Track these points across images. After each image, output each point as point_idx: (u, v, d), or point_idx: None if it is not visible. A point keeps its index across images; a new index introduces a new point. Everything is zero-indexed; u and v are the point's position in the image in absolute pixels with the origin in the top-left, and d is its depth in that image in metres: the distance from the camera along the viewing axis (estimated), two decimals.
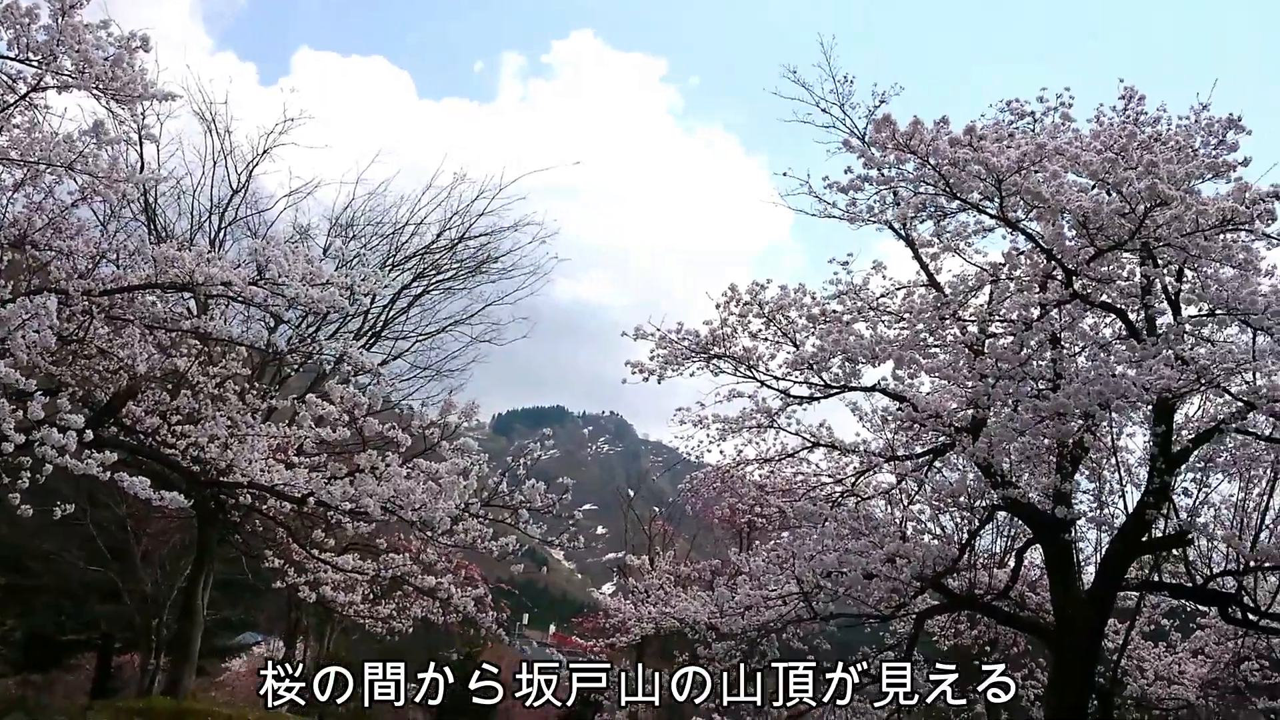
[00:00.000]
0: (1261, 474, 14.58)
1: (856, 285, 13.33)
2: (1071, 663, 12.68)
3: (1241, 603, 13.66)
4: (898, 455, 14.17)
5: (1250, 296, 10.77)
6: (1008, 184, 9.76)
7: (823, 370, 12.12)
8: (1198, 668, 17.00)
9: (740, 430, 14.34)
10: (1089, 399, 9.83)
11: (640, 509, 36.98)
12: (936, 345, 12.38)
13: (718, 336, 12.66)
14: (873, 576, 12.52)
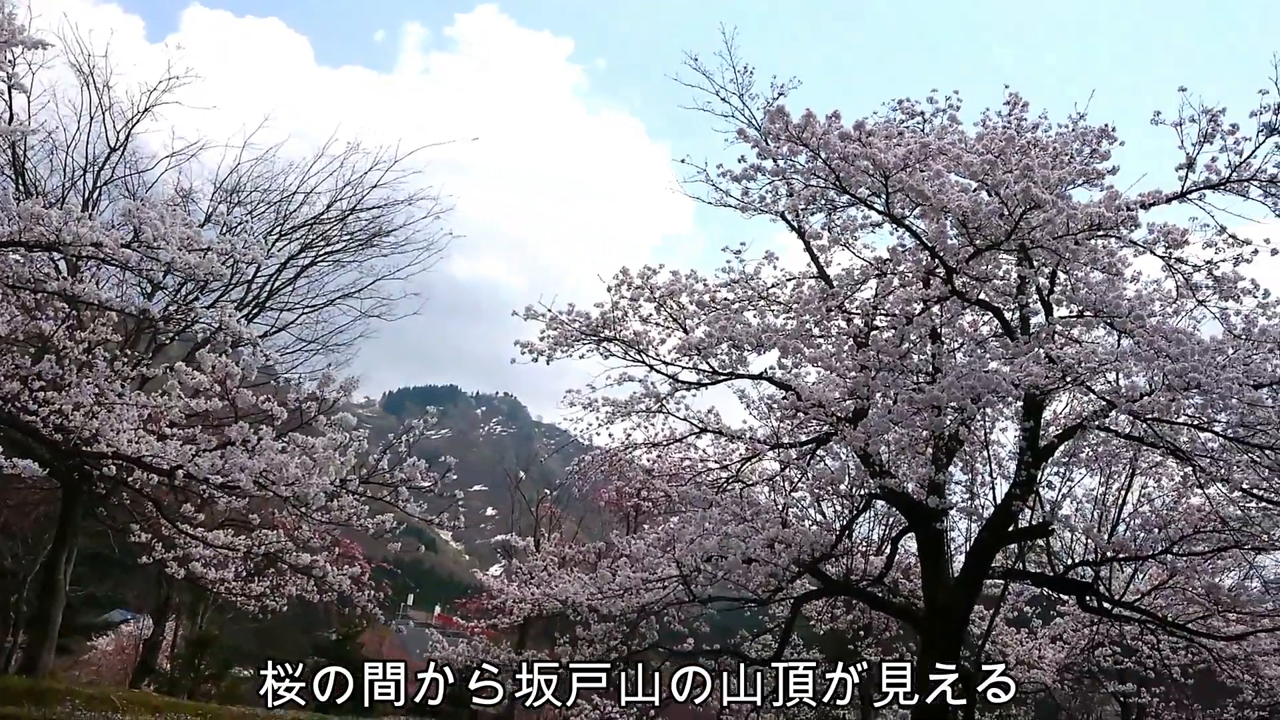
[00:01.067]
0: (1121, 470, 15.37)
1: (748, 274, 13.51)
2: (939, 646, 13.11)
3: (1098, 592, 14.36)
4: (782, 443, 14.41)
5: (1116, 300, 11.29)
6: (894, 181, 10.01)
7: (710, 356, 12.24)
8: (1056, 653, 17.83)
9: (629, 414, 14.41)
10: (962, 393, 10.15)
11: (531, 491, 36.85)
12: (822, 336, 12.64)
13: (608, 319, 12.67)
14: (752, 561, 12.73)
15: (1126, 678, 20.37)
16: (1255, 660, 15.38)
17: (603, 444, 15.46)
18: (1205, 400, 10.48)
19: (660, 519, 16.44)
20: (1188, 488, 13.77)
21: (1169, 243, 10.89)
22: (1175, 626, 14.47)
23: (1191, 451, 11.64)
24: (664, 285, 12.75)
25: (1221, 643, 14.69)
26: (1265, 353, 10.99)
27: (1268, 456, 10.76)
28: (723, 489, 14.92)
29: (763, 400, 15.32)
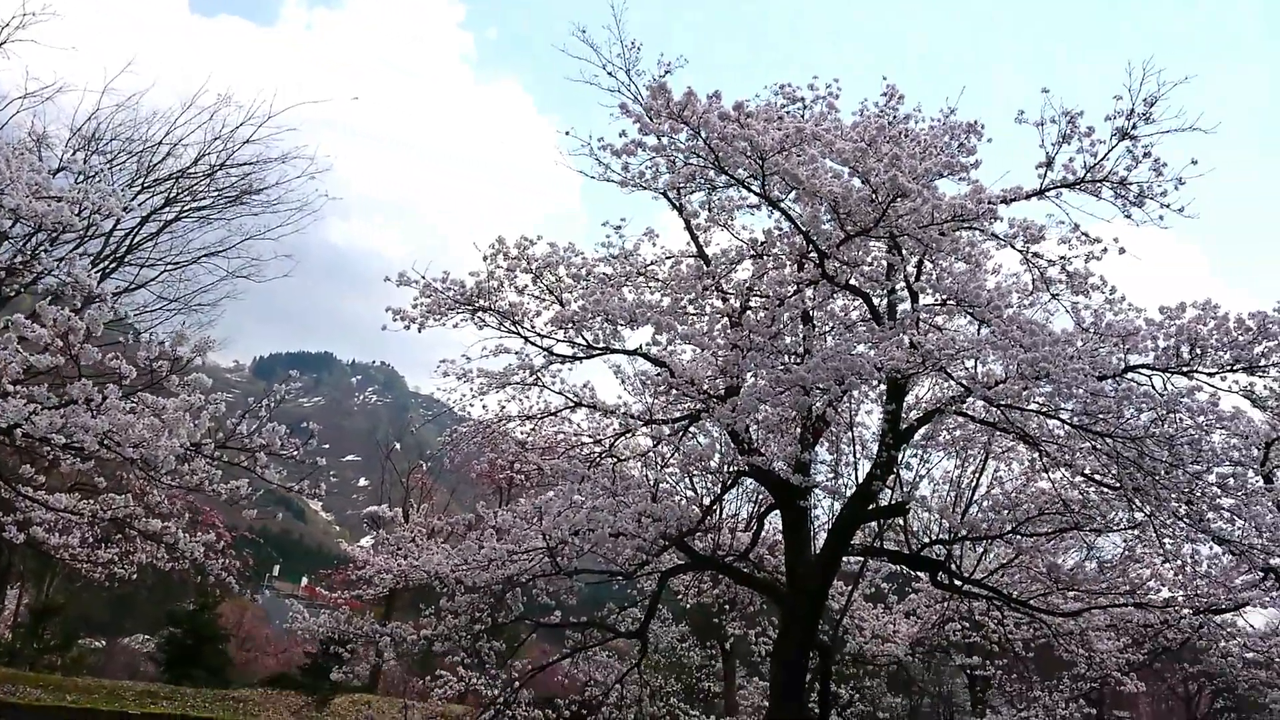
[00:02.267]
0: (975, 454, 16.06)
1: (628, 250, 13.55)
2: (799, 620, 13.49)
3: (949, 569, 14.99)
4: (655, 419, 14.55)
5: (977, 290, 11.75)
6: (770, 163, 10.15)
7: (585, 330, 12.24)
8: (909, 627, 18.56)
9: (504, 386, 14.32)
10: (827, 374, 10.40)
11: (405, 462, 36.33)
12: (697, 314, 12.78)
13: (484, 289, 12.53)
14: (620, 535, 12.82)
15: (974, 651, 21.38)
16: (1089, 635, 16.32)
17: (477, 415, 15.34)
18: (1054, 389, 11.00)
19: (533, 492, 16.38)
20: (1035, 472, 14.48)
21: (1027, 238, 11.34)
22: (1019, 603, 15.21)
23: (1039, 437, 12.22)
24: (541, 257, 12.68)
25: (1060, 619, 15.52)
26: (1110, 347, 11.60)
27: (1107, 444, 11.36)
28: (596, 463, 14.99)
29: (637, 376, 15.45)
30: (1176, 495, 11.85)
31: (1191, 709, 36.02)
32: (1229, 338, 11.69)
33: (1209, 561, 14.05)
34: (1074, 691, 19.37)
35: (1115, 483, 12.27)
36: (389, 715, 24.51)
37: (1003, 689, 23.17)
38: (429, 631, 14.49)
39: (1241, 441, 13.50)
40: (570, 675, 19.45)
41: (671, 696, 21.33)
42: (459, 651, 15.23)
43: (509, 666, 16.39)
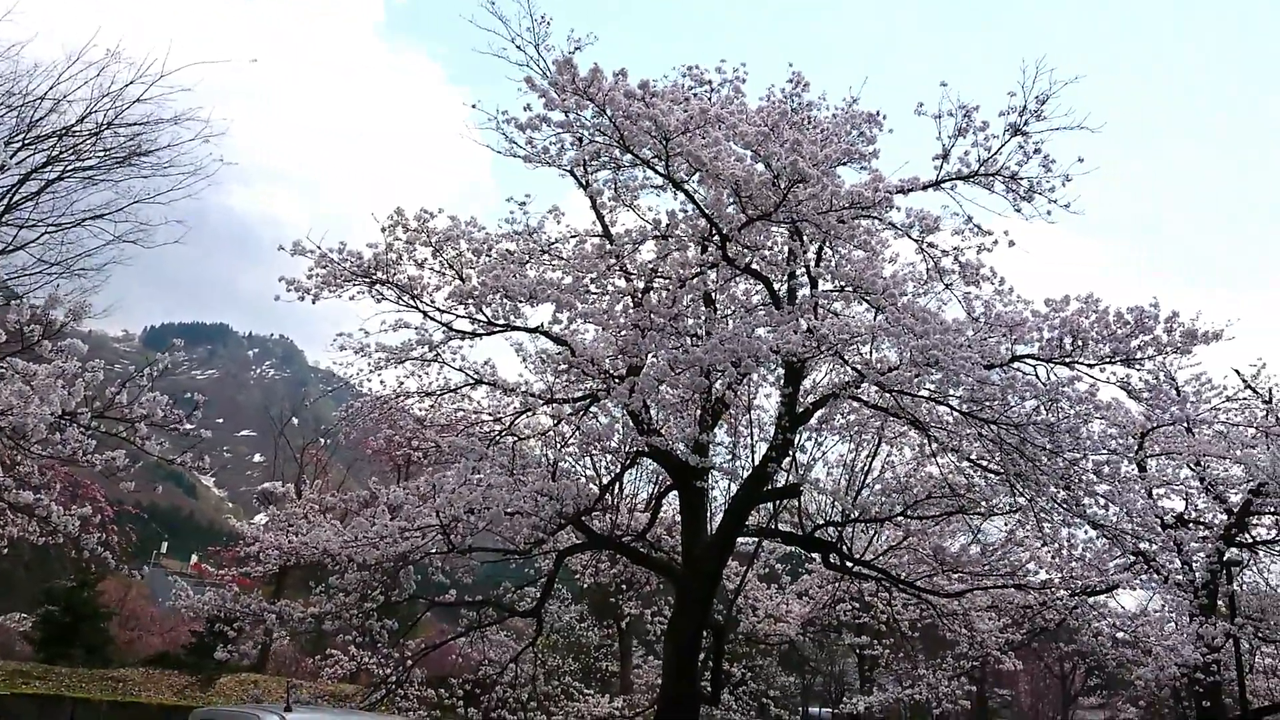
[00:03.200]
0: (869, 438, 16.41)
1: (532, 227, 13.42)
2: (694, 600, 13.64)
3: (841, 551, 15.34)
4: (556, 398, 14.49)
5: (873, 278, 11.99)
6: (674, 144, 10.16)
7: (485, 306, 12.09)
8: (802, 607, 18.95)
9: (402, 361, 14.07)
10: (725, 356, 10.49)
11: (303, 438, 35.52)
12: (599, 293, 12.74)
13: (382, 261, 12.27)
14: (517, 514, 12.75)
15: (863, 631, 21.96)
16: (971, 616, 16.89)
17: (375, 391, 15.04)
18: (944, 376, 11.30)
19: (431, 470, 16.16)
20: (924, 457, 14.87)
21: (923, 228, 11.60)
22: (906, 584, 15.65)
23: (929, 423, 12.57)
24: (442, 231, 12.47)
25: (945, 599, 16.02)
26: (998, 337, 11.96)
27: (992, 430, 11.74)
28: (495, 442, 14.86)
29: (539, 354, 15.35)
30: (1055, 481, 12.32)
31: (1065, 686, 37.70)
32: (1109, 331, 12.16)
33: (1084, 545, 14.66)
34: (956, 670, 20.05)
35: (999, 468, 12.69)
36: (276, 695, 23.98)
37: (890, 667, 23.86)
38: (318, 609, 14.20)
39: (1118, 431, 14.09)
40: (465, 654, 19.32)
41: (567, 675, 21.37)
42: (350, 630, 14.96)
43: (402, 645, 16.18)
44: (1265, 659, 23.54)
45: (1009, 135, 10.83)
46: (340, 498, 16.18)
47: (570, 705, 19.63)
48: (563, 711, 19.37)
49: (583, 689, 20.71)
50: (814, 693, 34.27)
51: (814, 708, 32.76)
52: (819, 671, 32.57)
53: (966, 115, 10.75)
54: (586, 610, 24.72)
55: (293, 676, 26.65)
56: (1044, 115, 10.58)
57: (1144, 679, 20.11)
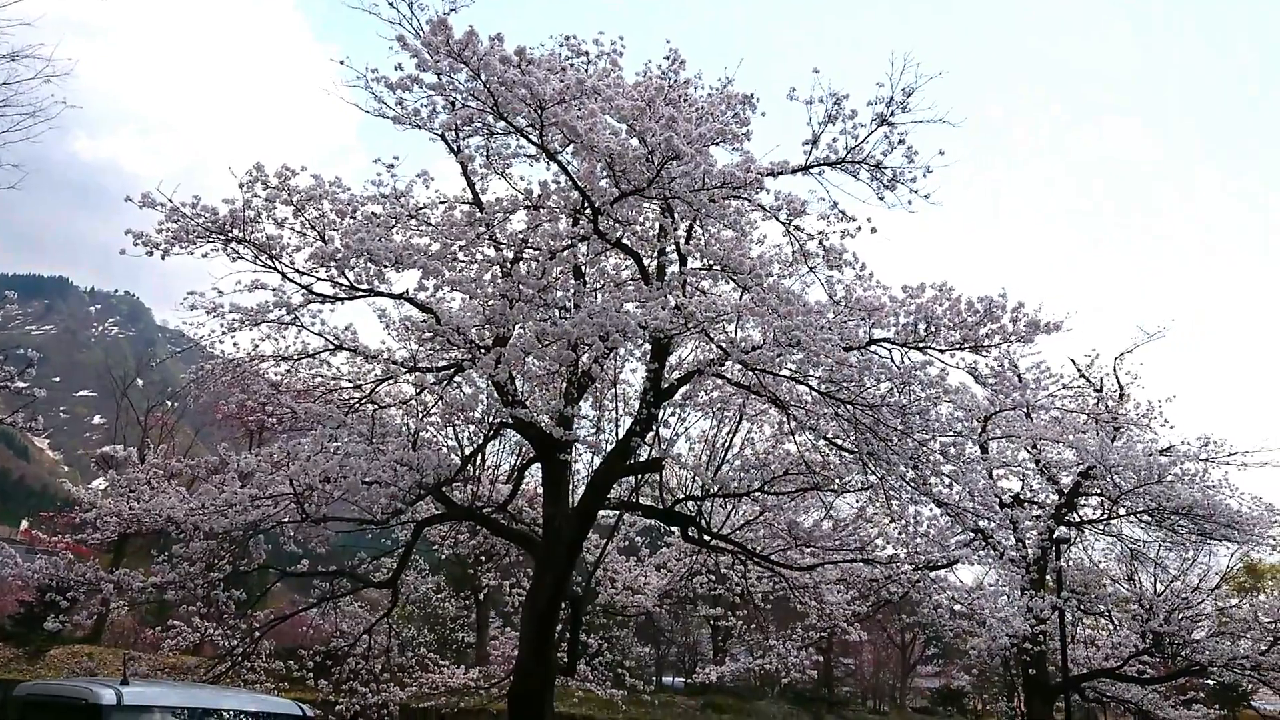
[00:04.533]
0: (731, 415, 16.74)
1: (400, 190, 13.06)
2: (553, 571, 13.67)
3: (700, 525, 15.61)
4: (419, 366, 14.23)
5: (741, 258, 12.19)
6: (549, 113, 10.03)
7: (348, 269, 11.73)
8: (659, 580, 19.22)
9: (258, 323, 13.50)
10: (592, 329, 10.49)
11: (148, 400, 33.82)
12: (467, 261, 12.53)
13: (239, 218, 11.73)
14: (375, 483, 12.49)
15: (718, 603, 22.45)
16: (821, 589, 17.47)
17: (227, 353, 14.43)
18: (805, 357, 11.60)
19: (286, 437, 15.63)
20: (783, 435, 15.26)
21: (790, 211, 11.80)
22: (762, 558, 16.06)
23: (789, 402, 12.88)
24: (305, 190, 12.01)
25: (797, 573, 16.52)
26: (857, 320, 12.34)
27: (848, 411, 12.14)
28: (354, 409, 14.49)
29: (402, 321, 15.03)
30: (905, 461, 12.83)
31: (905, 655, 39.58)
32: (960, 318, 12.69)
33: (929, 522, 15.32)
34: (805, 640, 20.74)
35: (853, 447, 13.13)
36: (112, 668, 22.90)
37: (742, 638, 24.52)
38: (160, 579, 13.60)
39: (964, 414, 14.78)
40: (316, 626, 18.88)
41: (422, 647, 21.15)
42: (194, 600, 14.41)
43: (250, 616, 15.70)
44: (1086, 630, 25.26)
45: (876, 125, 11.13)
46: (187, 463, 15.48)
47: (425, 677, 19.42)
48: (417, 683, 19.15)
49: (438, 660, 20.51)
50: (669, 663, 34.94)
51: (668, 677, 33.39)
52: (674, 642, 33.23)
53: (837, 103, 10.99)
54: (444, 581, 24.48)
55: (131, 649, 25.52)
56: (909, 108, 10.92)
57: (977, 649, 21.33)
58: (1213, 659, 22.04)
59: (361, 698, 16.92)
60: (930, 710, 36.97)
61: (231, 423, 25.53)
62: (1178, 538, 23.37)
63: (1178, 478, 21.50)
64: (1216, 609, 25.65)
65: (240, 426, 25.22)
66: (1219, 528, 22.16)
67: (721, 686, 27.07)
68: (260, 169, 11.70)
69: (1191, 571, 25.83)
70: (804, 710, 29.68)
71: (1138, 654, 23.46)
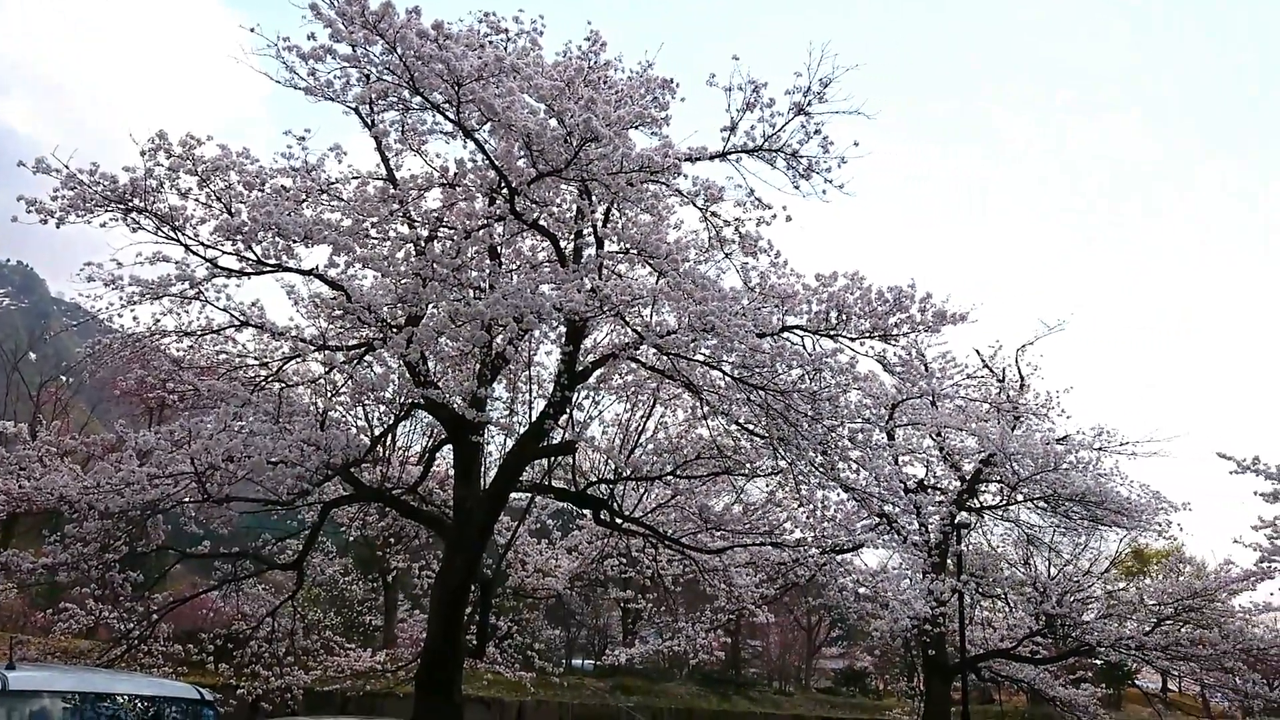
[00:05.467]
0: (645, 399, 16.82)
1: (311, 164, 12.74)
2: (463, 554, 13.57)
3: (612, 508, 15.68)
4: (329, 345, 13.95)
5: (658, 242, 12.23)
6: (466, 90, 9.90)
7: (255, 243, 11.41)
8: (570, 562, 19.24)
9: (159, 297, 13.06)
10: (506, 310, 10.42)
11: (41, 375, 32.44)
12: (379, 238, 12.31)
13: (140, 188, 11.30)
14: (279, 463, 12.22)
15: (629, 585, 22.59)
16: (730, 571, 17.71)
17: (127, 327, 13.90)
18: (719, 342, 11.71)
19: (187, 415, 15.17)
20: (696, 419, 15.40)
21: (708, 197, 11.87)
22: (673, 541, 16.20)
23: (702, 387, 13.00)
24: (211, 160, 11.62)
25: (707, 555, 16.71)
26: (771, 307, 12.50)
27: (760, 396, 12.30)
28: (260, 387, 14.14)
29: (312, 298, 14.72)
30: (814, 446, 13.08)
31: (811, 636, 40.40)
32: (870, 307, 12.97)
33: (836, 506, 15.68)
34: (713, 622, 21.02)
35: (764, 433, 13.34)
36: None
37: (652, 620, 24.71)
38: (52, 560, 13.09)
39: (872, 401, 15.11)
40: (218, 609, 18.42)
41: (328, 629, 20.81)
42: (88, 582, 13.91)
43: (147, 599, 15.24)
44: (983, 612, 26.10)
45: (793, 114, 11.25)
46: (82, 441, 14.93)
47: (330, 660, 19.12)
48: (321, 666, 18.83)
49: (344, 643, 20.21)
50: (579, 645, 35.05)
51: (578, 660, 33.50)
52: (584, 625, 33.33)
53: (755, 91, 11.07)
54: (352, 564, 24.10)
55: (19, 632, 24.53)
56: (826, 98, 11.06)
57: (880, 630, 21.87)
58: (1100, 640, 23.01)
59: (264, 681, 16.58)
60: (834, 691, 37.83)
61: (130, 399, 24.70)
62: (1071, 523, 24.32)
63: (1072, 466, 22.35)
64: (1105, 592, 26.78)
65: (139, 403, 24.41)
66: (1109, 514, 23.13)
67: (631, 668, 27.29)
68: (164, 137, 11.29)
69: (1083, 556, 26.89)
70: (711, 691, 30.09)
71: (1031, 635, 24.35)
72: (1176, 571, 30.11)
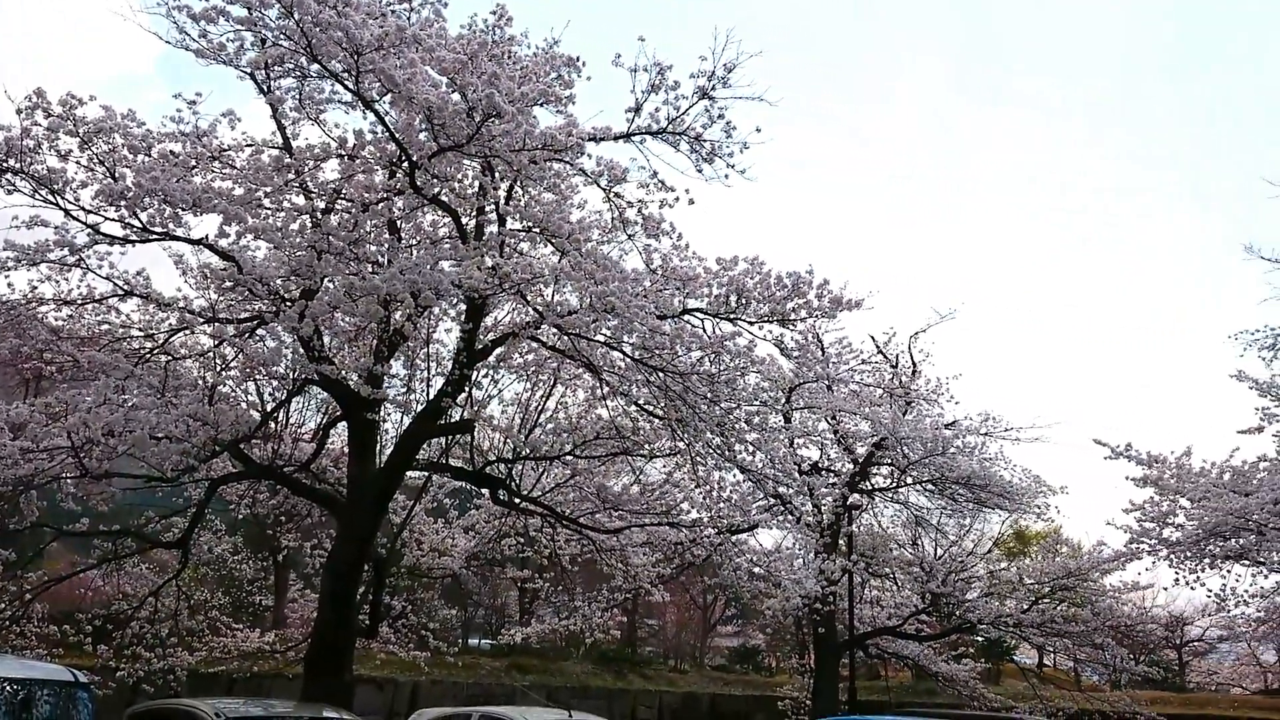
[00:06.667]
0: (545, 379, 16.79)
1: (202, 129, 12.27)
2: (355, 532, 13.36)
3: (510, 487, 15.62)
4: (219, 317, 13.52)
5: (560, 222, 12.17)
6: (366, 59, 9.67)
7: (141, 210, 10.96)
8: (467, 541, 19.13)
9: (36, 263, 12.43)
10: (404, 286, 10.25)
11: None
12: (273, 208, 11.94)
13: (15, 148, 10.72)
14: (163, 438, 11.82)
15: (525, 565, 22.58)
16: (627, 551, 17.83)
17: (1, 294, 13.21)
18: (619, 323, 11.75)
19: (65, 386, 14.53)
20: (596, 400, 15.44)
21: (611, 178, 11.86)
22: (570, 520, 16.22)
23: (602, 367, 13.03)
24: (93, 121, 11.09)
25: (604, 535, 16.79)
26: (672, 289, 12.59)
27: (659, 378, 12.40)
28: (144, 359, 13.62)
29: (201, 269, 14.24)
30: (712, 428, 13.25)
31: (706, 615, 41.00)
32: (769, 292, 13.15)
33: (732, 487, 15.93)
34: (610, 601, 21.16)
35: (663, 414, 13.45)
36: None
37: (549, 600, 24.76)
38: None
39: (769, 384, 15.34)
40: (97, 588, 17.77)
41: (215, 610, 20.23)
42: None
43: (20, 578, 14.62)
44: (873, 591, 26.90)
45: (697, 98, 11.30)
46: None
47: (216, 641, 18.64)
48: (207, 647, 18.35)
49: (232, 624, 19.72)
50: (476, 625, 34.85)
51: (474, 639, 33.33)
52: (481, 604, 33.14)
53: (660, 73, 11.08)
54: (242, 542, 23.48)
55: None
56: (730, 83, 11.14)
57: (773, 609, 22.33)
58: (981, 617, 23.94)
59: (145, 663, 16.09)
60: (728, 668, 38.47)
61: (4, 370, 23.51)
62: (957, 505, 25.25)
63: (959, 450, 23.15)
64: (987, 572, 27.87)
65: (13, 375, 23.22)
66: (993, 497, 24.08)
67: (527, 648, 27.30)
68: (42, 95, 10.72)
69: (967, 537, 27.96)
70: (607, 670, 30.30)
71: (917, 613, 25.20)
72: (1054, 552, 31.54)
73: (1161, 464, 18.85)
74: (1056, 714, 24.56)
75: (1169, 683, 35.05)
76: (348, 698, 12.81)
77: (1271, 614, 20.34)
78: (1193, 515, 18.21)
